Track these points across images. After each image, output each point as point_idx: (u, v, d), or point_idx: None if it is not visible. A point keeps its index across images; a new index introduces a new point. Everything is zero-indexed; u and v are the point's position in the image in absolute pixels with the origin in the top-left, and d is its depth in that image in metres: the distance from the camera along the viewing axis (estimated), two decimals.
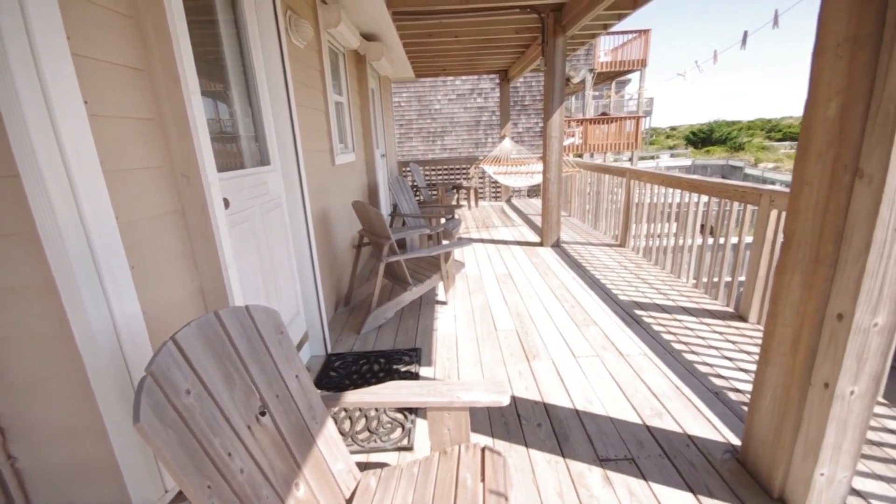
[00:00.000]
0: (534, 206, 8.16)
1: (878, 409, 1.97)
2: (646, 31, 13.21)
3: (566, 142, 13.06)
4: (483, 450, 1.26)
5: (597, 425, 1.92)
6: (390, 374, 2.44)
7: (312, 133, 2.95)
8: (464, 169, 9.60)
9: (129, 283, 1.20)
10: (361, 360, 2.63)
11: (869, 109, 1.12)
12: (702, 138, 43.83)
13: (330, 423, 1.28)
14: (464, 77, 12.87)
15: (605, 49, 13.87)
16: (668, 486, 1.57)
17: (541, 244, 5.12)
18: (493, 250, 4.98)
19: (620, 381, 2.25)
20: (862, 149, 1.14)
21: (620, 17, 4.64)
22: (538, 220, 5.67)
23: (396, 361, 2.59)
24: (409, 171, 8.41)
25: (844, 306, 1.21)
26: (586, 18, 3.83)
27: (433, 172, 9.14)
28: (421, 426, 1.94)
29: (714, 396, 2.08)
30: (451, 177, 9.47)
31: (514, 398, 2.15)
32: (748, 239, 2.99)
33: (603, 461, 1.71)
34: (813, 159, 1.26)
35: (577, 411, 2.02)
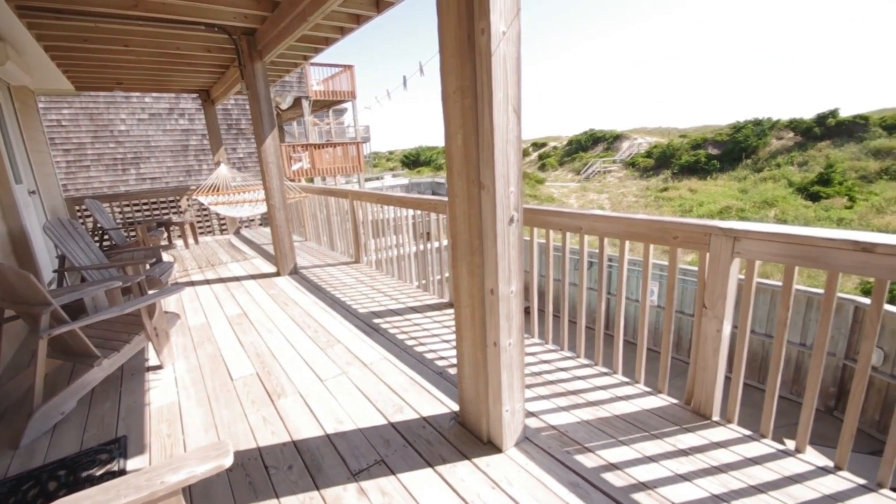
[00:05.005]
0: (267, 235, 7.67)
1: (538, 349, 2.78)
2: (350, 67, 14.53)
3: (295, 166, 12.90)
4: None
5: (348, 442, 1.95)
6: (79, 486, 1.79)
7: None
8: (173, 202, 8.13)
9: None
10: (25, 485, 1.84)
11: (479, 140, 1.55)
12: (413, 160, 51.67)
13: None
14: (156, 94, 10.92)
15: (318, 79, 14.48)
16: (413, 471, 1.75)
17: (277, 274, 4.86)
18: (223, 290, 4.40)
19: (366, 390, 2.37)
20: (480, 168, 1.57)
21: (317, 51, 4.91)
22: (273, 250, 5.35)
23: (88, 465, 1.93)
24: (87, 210, 6.46)
25: (493, 283, 1.64)
26: (281, 47, 3.88)
27: (129, 208, 7.33)
28: None
29: (439, 376, 2.46)
30: (157, 212, 7.84)
31: (258, 449, 1.94)
32: (445, 242, 3.70)
33: (356, 475, 1.75)
34: (456, 177, 1.65)
35: (328, 436, 2.00)
